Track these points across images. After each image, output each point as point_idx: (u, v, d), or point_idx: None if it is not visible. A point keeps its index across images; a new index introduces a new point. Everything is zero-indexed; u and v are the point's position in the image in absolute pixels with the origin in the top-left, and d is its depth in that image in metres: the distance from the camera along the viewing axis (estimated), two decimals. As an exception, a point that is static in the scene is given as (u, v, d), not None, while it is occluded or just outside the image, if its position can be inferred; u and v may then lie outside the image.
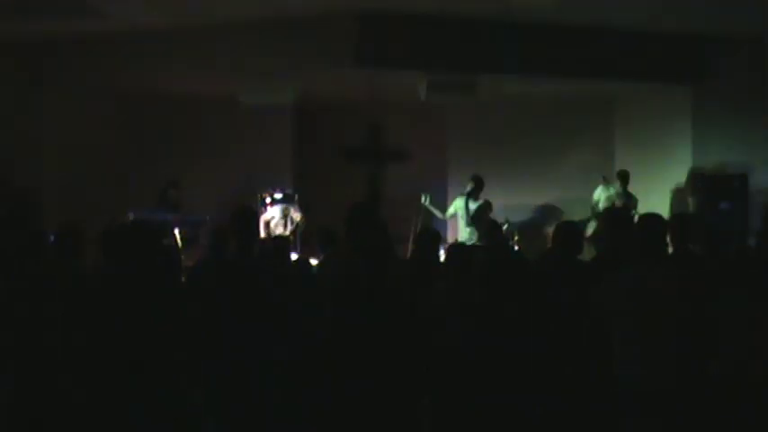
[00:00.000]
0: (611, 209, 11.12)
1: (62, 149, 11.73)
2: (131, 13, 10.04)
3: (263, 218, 11.66)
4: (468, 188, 11.21)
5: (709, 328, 5.06)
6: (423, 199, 11.41)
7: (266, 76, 10.68)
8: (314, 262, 7.92)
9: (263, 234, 11.27)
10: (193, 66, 10.97)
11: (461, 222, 11.15)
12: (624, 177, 11.54)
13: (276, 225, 11.63)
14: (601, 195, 11.68)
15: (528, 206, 13.58)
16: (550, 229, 6.46)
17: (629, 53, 11.10)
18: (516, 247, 11.32)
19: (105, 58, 11.20)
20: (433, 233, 7.38)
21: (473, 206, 11.12)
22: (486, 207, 11.23)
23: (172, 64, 11.06)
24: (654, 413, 4.70)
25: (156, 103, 13.03)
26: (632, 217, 8.07)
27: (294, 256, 9.82)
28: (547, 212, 13.50)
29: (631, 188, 11.57)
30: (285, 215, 11.66)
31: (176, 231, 11.13)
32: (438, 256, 7.53)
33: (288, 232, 11.54)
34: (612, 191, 11.59)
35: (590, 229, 11.16)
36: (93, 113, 12.57)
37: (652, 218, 5.11)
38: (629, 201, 11.44)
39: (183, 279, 7.04)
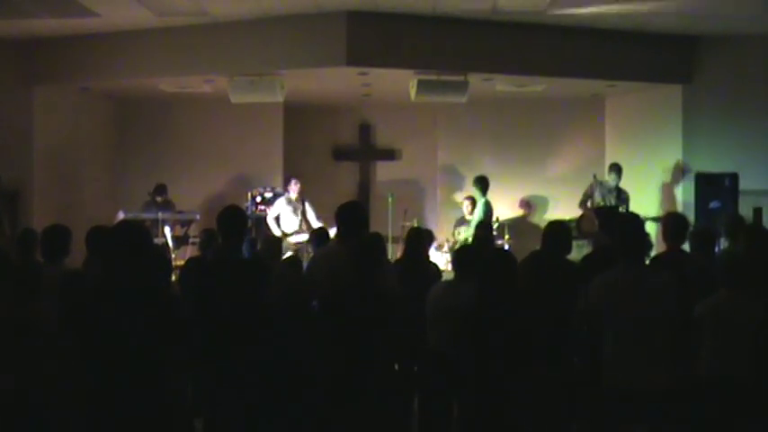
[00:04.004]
0: (601, 208, 11.13)
1: (51, 148, 11.70)
2: (121, 12, 10.02)
3: (271, 214, 11.51)
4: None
5: (696, 328, 5.08)
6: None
7: (256, 74, 10.65)
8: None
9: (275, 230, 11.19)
10: (182, 65, 10.94)
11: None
12: (619, 170, 11.48)
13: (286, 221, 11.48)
14: (594, 191, 11.62)
15: (517, 204, 13.62)
16: (541, 228, 6.47)
17: (618, 52, 11.11)
18: (507, 246, 11.33)
19: (94, 56, 11.19)
20: (423, 232, 7.38)
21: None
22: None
23: (161, 62, 11.04)
24: (642, 413, 4.70)
25: (145, 102, 13.03)
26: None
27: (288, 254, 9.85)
28: (537, 211, 13.53)
29: (622, 185, 11.54)
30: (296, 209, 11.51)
31: (167, 230, 11.11)
32: (428, 255, 7.53)
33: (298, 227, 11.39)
34: (604, 188, 11.53)
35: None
36: (82, 112, 12.54)
37: (630, 218, 5.14)
38: (622, 197, 11.41)
39: (174, 278, 7.05)
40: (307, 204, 11.42)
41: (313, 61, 10.54)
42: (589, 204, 11.56)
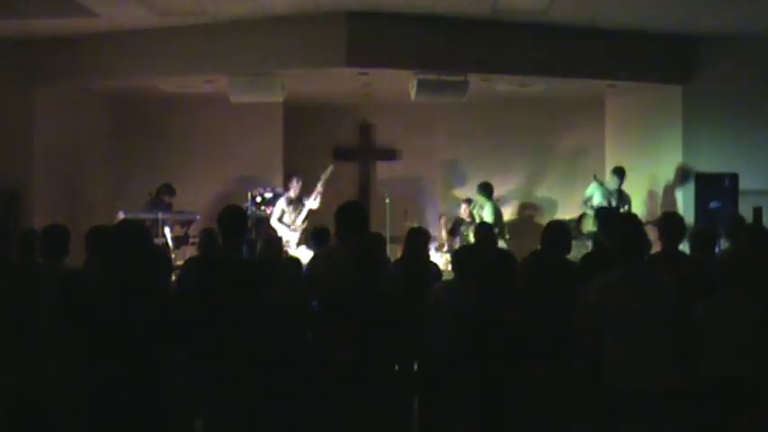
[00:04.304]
0: (601, 209, 11.13)
1: (52, 148, 11.69)
2: (121, 12, 10.02)
3: (275, 216, 11.42)
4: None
5: (696, 328, 5.07)
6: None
7: (256, 74, 10.65)
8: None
9: (281, 231, 11.13)
10: (182, 65, 10.94)
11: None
12: (621, 174, 11.47)
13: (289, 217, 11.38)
14: (594, 192, 11.62)
15: (518, 204, 13.63)
16: (541, 228, 6.47)
17: (618, 52, 11.10)
18: (506, 246, 11.33)
19: (94, 56, 11.18)
20: (422, 232, 7.37)
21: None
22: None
23: (161, 63, 11.03)
24: (642, 413, 4.70)
25: (145, 102, 13.00)
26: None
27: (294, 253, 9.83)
28: (537, 211, 13.53)
29: (623, 186, 11.55)
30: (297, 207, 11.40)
31: (167, 230, 11.10)
32: (428, 255, 7.52)
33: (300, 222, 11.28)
34: (605, 189, 11.52)
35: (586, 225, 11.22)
36: (82, 112, 12.53)
37: (629, 219, 5.13)
38: (623, 199, 11.41)
39: (174, 278, 7.04)
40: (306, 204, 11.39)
41: (313, 61, 10.55)
42: (590, 205, 11.55)
